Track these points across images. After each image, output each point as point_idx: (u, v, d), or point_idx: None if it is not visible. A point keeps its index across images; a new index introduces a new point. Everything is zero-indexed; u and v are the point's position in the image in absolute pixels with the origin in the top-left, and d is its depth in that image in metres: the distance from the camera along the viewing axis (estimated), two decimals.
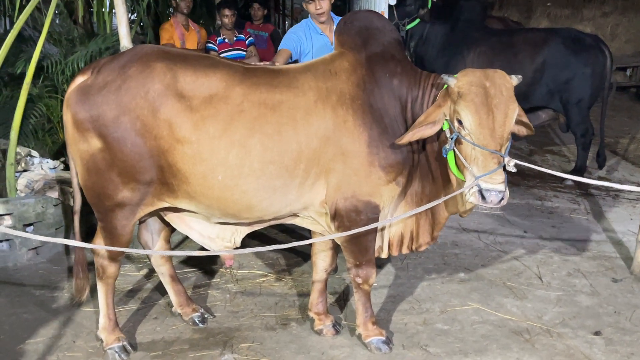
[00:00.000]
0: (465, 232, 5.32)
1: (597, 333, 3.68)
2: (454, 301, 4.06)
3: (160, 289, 4.10)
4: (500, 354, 3.44)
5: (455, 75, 3.01)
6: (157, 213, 3.45)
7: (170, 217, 3.45)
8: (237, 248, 3.49)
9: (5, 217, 4.52)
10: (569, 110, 6.71)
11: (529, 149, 8.37)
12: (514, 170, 2.95)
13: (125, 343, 3.40)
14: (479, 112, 2.90)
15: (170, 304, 3.85)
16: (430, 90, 3.23)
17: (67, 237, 4.84)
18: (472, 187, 2.92)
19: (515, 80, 2.99)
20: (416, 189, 3.39)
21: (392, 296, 4.11)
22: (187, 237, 4.42)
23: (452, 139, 3.01)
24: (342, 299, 4.08)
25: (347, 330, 3.67)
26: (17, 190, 4.85)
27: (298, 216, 3.40)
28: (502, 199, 2.90)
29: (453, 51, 7.13)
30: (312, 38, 4.39)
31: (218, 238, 3.47)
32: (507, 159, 2.92)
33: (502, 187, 2.89)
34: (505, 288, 4.26)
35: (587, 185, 6.79)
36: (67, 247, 4.82)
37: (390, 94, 3.23)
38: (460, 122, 2.95)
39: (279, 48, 4.44)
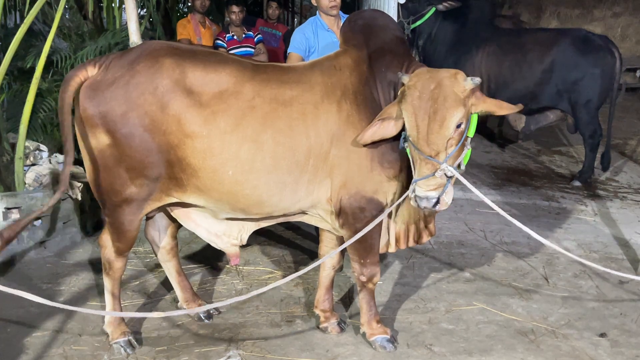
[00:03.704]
0: (472, 232, 5.31)
1: (602, 335, 3.67)
2: (459, 301, 4.05)
3: (166, 284, 4.11)
4: (505, 354, 3.43)
5: (404, 73, 3.01)
6: (164, 209, 3.46)
7: (177, 213, 3.46)
8: (243, 246, 3.50)
9: (14, 210, 4.55)
10: (578, 111, 6.68)
11: (536, 150, 8.34)
12: (451, 175, 2.85)
13: (131, 337, 3.41)
14: (416, 115, 2.86)
15: (176, 300, 3.86)
16: None
17: (71, 235, 4.86)
18: (412, 191, 2.92)
19: (469, 84, 2.86)
20: None
21: (397, 295, 4.11)
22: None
23: (402, 137, 3.02)
24: (347, 297, 4.09)
25: (352, 328, 3.67)
26: (25, 184, 4.87)
27: (306, 214, 3.41)
28: (437, 204, 2.87)
29: (462, 50, 7.13)
30: (318, 35, 4.41)
31: (225, 235, 3.48)
32: (444, 165, 2.82)
33: (434, 194, 2.85)
34: (511, 288, 4.26)
35: (595, 185, 6.79)
36: (73, 241, 4.84)
37: (387, 87, 3.25)
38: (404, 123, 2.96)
39: (288, 51, 4.47)
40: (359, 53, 3.30)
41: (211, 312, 3.78)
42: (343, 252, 3.64)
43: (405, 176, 3.28)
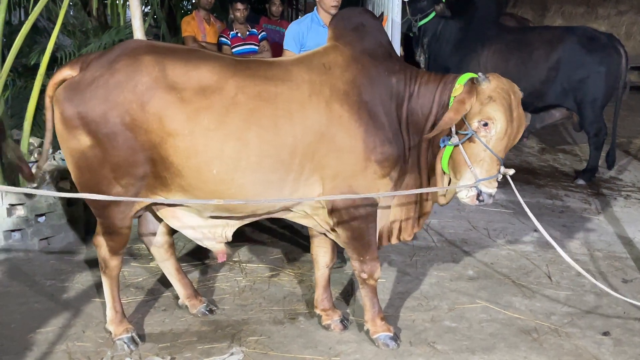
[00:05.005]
0: (475, 230, 5.30)
1: (605, 333, 3.66)
2: (462, 299, 4.05)
3: (168, 281, 4.13)
4: (507, 353, 3.43)
5: (485, 76, 3.09)
6: (151, 208, 3.44)
7: (163, 213, 3.43)
8: (228, 243, 3.50)
9: (18, 207, 4.56)
10: (583, 109, 6.67)
11: (540, 148, 8.32)
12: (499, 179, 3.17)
13: (133, 334, 3.42)
14: (508, 120, 3.05)
15: (177, 297, 3.87)
16: (432, 89, 3.25)
17: (77, 229, 4.87)
18: (471, 188, 3.09)
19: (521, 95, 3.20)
20: (407, 182, 3.40)
21: (400, 293, 4.11)
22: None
23: (466, 135, 3.06)
24: (350, 294, 4.09)
25: (355, 325, 3.67)
26: None
27: (291, 211, 3.40)
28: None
29: (467, 48, 7.12)
30: (312, 30, 4.40)
31: (210, 233, 3.46)
32: (502, 167, 3.13)
33: (495, 190, 3.13)
34: (514, 286, 4.25)
35: (599, 184, 6.77)
36: (78, 237, 4.85)
37: (386, 90, 3.24)
38: (484, 124, 3.05)
39: (284, 47, 4.48)
40: (351, 52, 3.27)
41: (211, 307, 3.79)
42: (336, 249, 3.64)
43: (397, 174, 3.28)
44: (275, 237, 5.03)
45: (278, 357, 3.35)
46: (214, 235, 3.45)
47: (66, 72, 3.12)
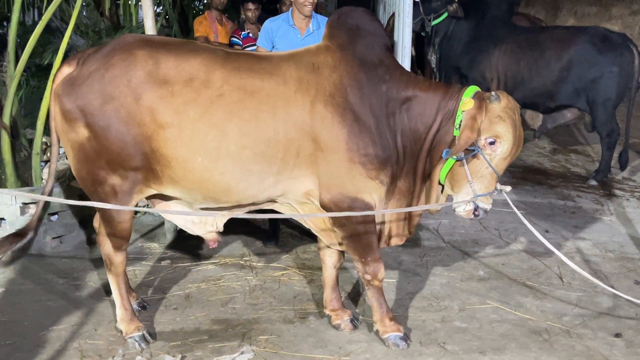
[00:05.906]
0: (486, 231, 5.29)
1: (617, 335, 3.64)
2: (472, 299, 4.04)
3: (179, 280, 4.15)
4: (518, 354, 3.42)
5: (497, 95, 3.15)
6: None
7: (157, 206, 3.49)
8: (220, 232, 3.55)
9: (31, 205, 4.60)
10: (595, 109, 6.63)
11: (552, 148, 8.28)
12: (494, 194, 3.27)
13: (144, 332, 3.43)
14: (514, 140, 3.13)
15: (189, 295, 3.88)
16: (435, 98, 3.28)
17: (87, 230, 4.90)
18: (469, 203, 3.19)
19: None
20: (400, 187, 3.40)
21: (410, 293, 4.11)
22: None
23: (471, 151, 3.13)
24: (359, 294, 4.09)
25: (365, 325, 3.67)
26: (42, 179, 4.92)
27: (276, 202, 3.42)
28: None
29: (479, 48, 7.09)
30: (282, 29, 4.48)
31: (201, 223, 3.50)
32: (499, 185, 3.22)
33: (490, 206, 3.25)
34: (525, 287, 4.24)
35: (611, 185, 6.74)
36: (89, 236, 4.88)
37: (375, 95, 3.24)
38: (491, 142, 3.13)
39: (257, 43, 4.63)
40: (342, 54, 3.27)
41: (145, 304, 3.82)
42: (342, 251, 3.65)
43: (388, 178, 3.28)
44: (286, 236, 5.04)
45: (288, 356, 3.35)
46: (205, 225, 3.50)
47: (65, 70, 3.20)
